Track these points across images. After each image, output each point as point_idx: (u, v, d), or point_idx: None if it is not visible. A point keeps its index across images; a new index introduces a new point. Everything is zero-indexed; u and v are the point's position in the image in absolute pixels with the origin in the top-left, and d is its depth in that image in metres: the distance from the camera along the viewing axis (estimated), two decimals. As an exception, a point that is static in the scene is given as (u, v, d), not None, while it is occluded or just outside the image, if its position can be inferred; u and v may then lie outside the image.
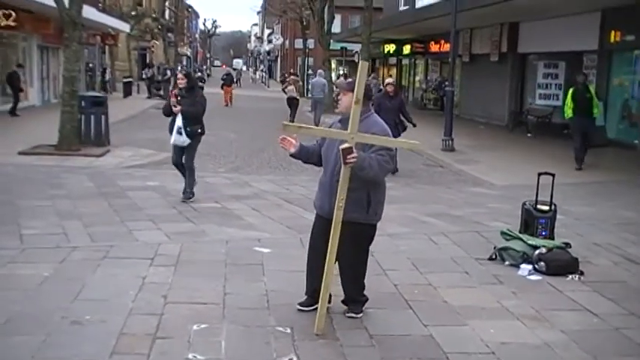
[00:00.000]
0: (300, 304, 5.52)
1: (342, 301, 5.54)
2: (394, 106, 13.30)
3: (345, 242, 5.10)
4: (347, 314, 5.46)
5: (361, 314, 5.47)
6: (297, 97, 25.37)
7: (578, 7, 18.56)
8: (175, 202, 9.71)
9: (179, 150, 9.91)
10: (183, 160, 9.95)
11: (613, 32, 18.18)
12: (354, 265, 5.39)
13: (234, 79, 60.01)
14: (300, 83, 24.40)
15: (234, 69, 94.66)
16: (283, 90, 31.79)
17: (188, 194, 9.91)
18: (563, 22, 20.21)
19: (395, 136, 12.77)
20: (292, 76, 32.32)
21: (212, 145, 17.39)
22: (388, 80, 14.78)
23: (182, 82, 9.82)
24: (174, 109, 9.58)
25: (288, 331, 5.10)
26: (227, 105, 33.70)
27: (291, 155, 5.37)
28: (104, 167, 12.98)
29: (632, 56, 18.30)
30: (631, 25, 17.25)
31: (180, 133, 9.65)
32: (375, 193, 5.23)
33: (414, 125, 13.86)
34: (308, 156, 5.43)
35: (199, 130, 9.87)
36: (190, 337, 4.93)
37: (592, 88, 15.14)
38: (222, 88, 35.45)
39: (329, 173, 5.24)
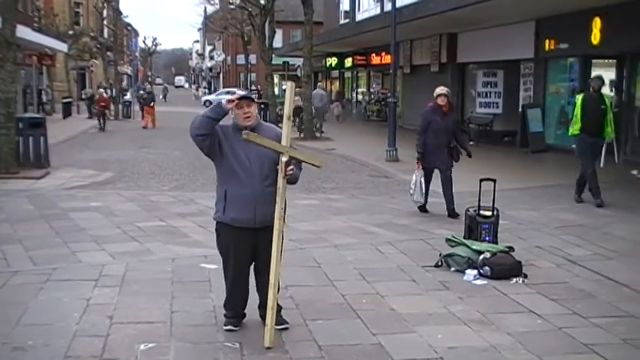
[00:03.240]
0: (232, 325, 5.37)
1: (262, 316, 5.26)
2: (447, 125, 10.12)
3: (268, 246, 5.08)
4: (280, 327, 5.30)
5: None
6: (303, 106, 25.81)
7: (513, 16, 19.00)
8: (119, 222, 9.53)
9: None
10: None
11: (547, 40, 18.66)
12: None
13: (163, 96, 60.79)
14: (308, 93, 24.81)
15: (177, 86, 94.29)
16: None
17: None
18: (500, 31, 20.67)
19: (448, 167, 10.29)
20: (298, 88, 32.78)
21: (156, 164, 17.23)
22: (440, 90, 10.27)
23: None
24: None
25: (237, 346, 5.07)
26: (145, 127, 28.99)
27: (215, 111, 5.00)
28: (44, 189, 12.69)
29: (567, 63, 18.81)
30: (564, 33, 17.73)
31: None
32: None
33: (470, 155, 10.41)
34: (212, 128, 5.08)
35: None
36: (137, 356, 4.85)
37: (607, 99, 11.32)
38: (141, 108, 32.17)
39: (257, 181, 5.10)
